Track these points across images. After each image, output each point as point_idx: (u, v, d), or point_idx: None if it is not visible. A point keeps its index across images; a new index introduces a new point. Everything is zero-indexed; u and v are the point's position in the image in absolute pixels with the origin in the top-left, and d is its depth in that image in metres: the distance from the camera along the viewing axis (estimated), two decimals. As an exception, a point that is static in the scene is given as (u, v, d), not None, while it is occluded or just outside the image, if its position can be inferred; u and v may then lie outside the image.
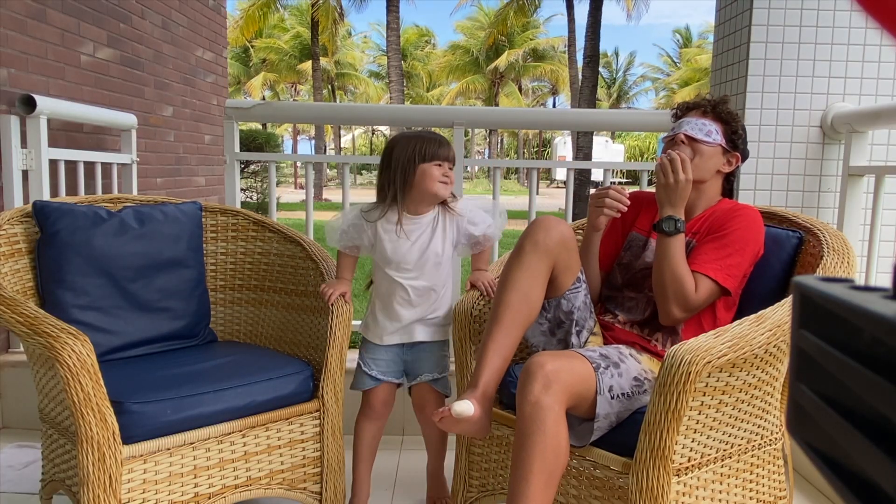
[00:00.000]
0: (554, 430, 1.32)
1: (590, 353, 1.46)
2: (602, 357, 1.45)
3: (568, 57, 22.50)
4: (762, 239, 1.62)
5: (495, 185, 2.81)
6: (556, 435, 1.33)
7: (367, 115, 4.01)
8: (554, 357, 1.39)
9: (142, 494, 1.45)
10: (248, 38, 28.01)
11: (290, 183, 30.43)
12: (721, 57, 2.75)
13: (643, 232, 1.75)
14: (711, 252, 1.56)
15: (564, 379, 1.35)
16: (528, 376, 1.36)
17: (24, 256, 1.78)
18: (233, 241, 2.12)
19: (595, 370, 1.40)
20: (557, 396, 1.34)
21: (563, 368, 1.36)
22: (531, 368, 1.36)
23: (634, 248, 1.74)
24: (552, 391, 1.33)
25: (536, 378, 1.34)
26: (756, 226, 1.60)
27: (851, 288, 0.31)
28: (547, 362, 1.36)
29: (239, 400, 1.58)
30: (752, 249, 1.58)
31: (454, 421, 1.40)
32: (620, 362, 1.47)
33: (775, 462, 1.54)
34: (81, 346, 1.36)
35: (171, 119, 4.03)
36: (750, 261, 1.59)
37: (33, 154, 2.41)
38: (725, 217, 1.61)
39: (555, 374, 1.34)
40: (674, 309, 1.54)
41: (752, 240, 1.58)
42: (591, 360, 1.42)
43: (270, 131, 15.31)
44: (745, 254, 1.57)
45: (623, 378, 1.44)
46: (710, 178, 1.66)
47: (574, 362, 1.41)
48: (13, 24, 2.55)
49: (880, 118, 2.28)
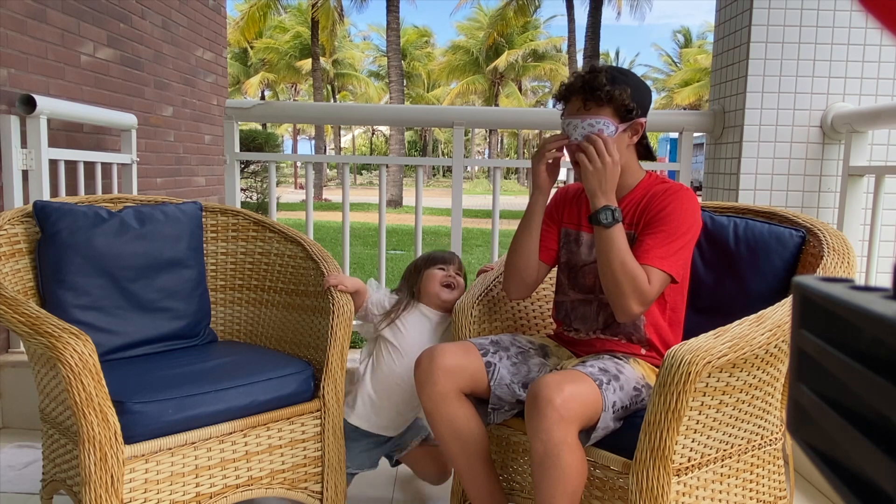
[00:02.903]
0: (570, 460, 1.32)
1: (590, 369, 1.43)
2: (602, 371, 1.43)
3: (568, 57, 22.49)
4: (699, 216, 1.56)
5: (495, 186, 2.82)
6: (573, 464, 1.33)
7: (367, 115, 4.02)
8: (560, 385, 1.34)
9: (143, 494, 1.45)
10: (249, 40, 27.99)
11: (290, 183, 30.42)
12: (721, 57, 2.75)
13: (572, 226, 1.67)
14: (657, 243, 1.48)
15: (575, 409, 1.32)
16: (538, 413, 1.33)
17: (25, 256, 1.78)
18: (233, 241, 2.12)
19: (599, 387, 1.38)
20: (570, 428, 1.32)
21: (571, 397, 1.33)
22: (539, 404, 1.32)
23: (569, 244, 1.67)
24: (564, 424, 1.31)
25: (546, 414, 1.31)
26: (692, 205, 1.54)
27: (851, 288, 0.31)
28: (555, 395, 1.32)
29: (240, 400, 1.59)
30: (693, 232, 1.53)
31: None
32: (619, 373, 1.45)
33: (775, 462, 1.54)
34: (83, 345, 1.36)
35: (171, 119, 4.03)
36: (693, 242, 1.54)
37: (33, 154, 2.41)
38: (660, 203, 1.53)
39: (565, 406, 1.31)
40: (631, 304, 1.45)
41: (691, 222, 1.52)
42: (594, 377, 1.40)
43: (270, 131, 15.31)
44: (688, 236, 1.51)
45: (624, 391, 1.43)
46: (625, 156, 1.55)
47: (580, 386, 1.36)
48: (13, 24, 2.55)
49: (880, 118, 2.29)
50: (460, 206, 2.81)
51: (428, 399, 1.53)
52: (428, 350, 1.57)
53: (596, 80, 1.49)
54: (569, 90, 1.55)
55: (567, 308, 1.68)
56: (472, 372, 1.54)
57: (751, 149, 2.53)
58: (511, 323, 1.88)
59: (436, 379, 1.51)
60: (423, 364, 1.54)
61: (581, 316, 1.65)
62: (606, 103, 1.50)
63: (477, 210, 14.88)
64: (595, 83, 1.49)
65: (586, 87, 1.50)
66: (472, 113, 2.96)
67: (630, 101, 1.50)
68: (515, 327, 1.89)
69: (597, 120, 1.49)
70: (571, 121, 1.52)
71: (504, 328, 1.86)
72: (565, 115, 1.56)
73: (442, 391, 1.51)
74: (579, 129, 1.51)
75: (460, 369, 1.53)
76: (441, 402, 1.52)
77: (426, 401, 1.53)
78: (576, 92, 1.53)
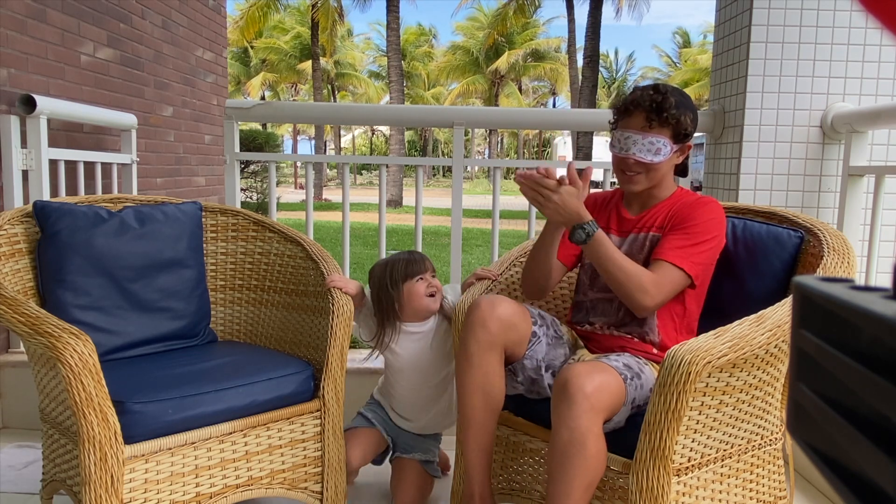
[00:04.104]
0: (595, 448, 1.33)
1: (615, 363, 1.45)
2: (626, 367, 1.45)
3: (568, 57, 22.49)
4: (724, 231, 1.62)
5: (495, 186, 2.82)
6: (597, 453, 1.34)
7: (367, 115, 4.01)
8: (589, 375, 1.35)
9: (143, 494, 1.45)
10: (249, 40, 27.99)
11: (290, 183, 30.42)
12: (721, 57, 2.75)
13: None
14: (676, 241, 1.55)
15: (604, 399, 1.34)
16: (568, 400, 1.33)
17: (25, 256, 1.78)
18: (233, 241, 2.12)
19: (624, 381, 1.40)
20: (598, 418, 1.33)
21: (601, 388, 1.34)
22: (570, 391, 1.33)
23: None
24: (593, 413, 1.32)
25: (576, 401, 1.32)
26: (720, 217, 1.60)
27: (851, 288, 0.31)
28: (586, 383, 1.33)
29: (240, 400, 1.59)
30: (716, 239, 1.58)
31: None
32: (640, 372, 1.48)
33: (775, 462, 1.54)
34: (83, 345, 1.36)
35: (171, 119, 4.03)
36: (714, 250, 1.58)
37: (33, 154, 2.41)
38: (690, 209, 1.60)
39: (595, 396, 1.33)
40: (640, 298, 1.50)
41: (716, 230, 1.57)
42: (619, 370, 1.42)
43: (270, 131, 15.31)
44: (710, 243, 1.56)
45: (643, 390, 1.45)
46: (666, 173, 1.63)
47: (608, 377, 1.38)
48: (13, 24, 2.55)
49: (880, 118, 2.28)
50: (460, 206, 2.81)
51: (475, 342, 1.53)
52: (489, 297, 1.58)
53: (666, 101, 1.54)
54: (635, 105, 1.58)
55: (587, 307, 1.72)
56: (521, 333, 1.57)
57: (751, 149, 2.53)
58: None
59: (490, 326, 1.52)
60: (483, 308, 1.54)
61: (601, 312, 1.68)
62: (670, 125, 1.56)
63: (477, 210, 14.88)
64: (665, 104, 1.54)
65: (654, 107, 1.55)
66: (472, 113, 2.96)
67: (690, 123, 1.58)
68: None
69: (657, 139, 1.56)
70: (631, 135, 1.57)
71: None
72: (622, 128, 1.59)
73: (491, 340, 1.52)
74: (638, 144, 1.56)
75: (513, 326, 1.55)
76: (486, 349, 1.53)
77: (472, 343, 1.53)
78: (642, 108, 1.56)
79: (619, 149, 1.61)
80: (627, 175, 1.62)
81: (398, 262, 1.85)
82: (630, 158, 1.58)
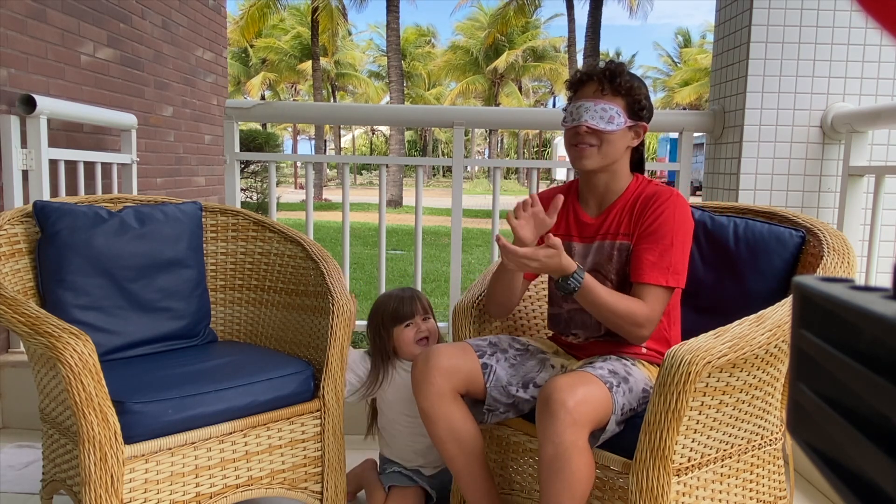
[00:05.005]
0: (580, 464, 1.32)
1: (599, 371, 1.42)
2: (612, 374, 1.43)
3: (568, 57, 22.49)
4: (691, 220, 1.56)
5: (495, 186, 2.82)
6: (583, 466, 1.32)
7: (367, 115, 4.01)
8: (571, 388, 1.33)
9: (143, 494, 1.45)
10: (249, 40, 27.99)
11: (290, 183, 30.41)
12: (721, 57, 2.75)
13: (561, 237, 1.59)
14: (649, 256, 1.49)
15: (587, 412, 1.32)
16: (550, 415, 1.32)
17: (25, 256, 1.78)
18: (233, 241, 2.12)
19: (609, 390, 1.38)
20: (582, 432, 1.32)
21: (584, 400, 1.32)
22: (552, 407, 1.32)
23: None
24: (576, 427, 1.31)
25: (558, 417, 1.31)
26: (683, 210, 1.54)
27: (851, 288, 0.31)
28: (567, 398, 1.31)
29: (240, 399, 1.59)
30: (686, 233, 1.53)
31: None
32: (628, 376, 1.45)
33: (775, 462, 1.54)
34: (83, 345, 1.36)
35: (171, 119, 4.03)
36: (686, 243, 1.53)
37: (33, 154, 2.41)
38: (653, 213, 1.52)
39: (577, 410, 1.31)
40: (637, 332, 1.47)
41: (686, 228, 1.52)
42: (604, 379, 1.39)
43: (270, 131, 15.31)
44: (680, 239, 1.51)
45: (633, 393, 1.43)
46: (620, 156, 1.56)
47: (592, 389, 1.36)
48: (13, 24, 2.55)
49: (880, 118, 2.29)
50: (460, 206, 2.81)
51: (424, 399, 1.53)
52: (424, 351, 1.58)
53: (619, 70, 1.52)
54: (587, 74, 1.55)
55: (564, 319, 1.67)
56: (468, 373, 1.54)
57: (751, 149, 2.53)
58: (511, 323, 1.88)
59: (432, 379, 1.51)
60: (420, 365, 1.55)
61: (581, 324, 1.63)
62: (623, 95, 1.52)
63: (477, 210, 14.89)
64: (617, 72, 1.51)
65: (607, 74, 1.52)
66: (472, 113, 2.96)
67: (644, 100, 1.54)
68: (515, 327, 1.89)
69: (610, 106, 1.50)
70: (583, 104, 1.52)
71: (504, 328, 1.86)
72: (576, 99, 1.55)
73: (438, 391, 1.51)
74: (591, 111, 1.51)
75: (456, 370, 1.53)
76: (437, 401, 1.52)
77: (422, 400, 1.53)
78: (595, 77, 1.53)
79: (571, 119, 1.54)
80: (580, 148, 1.53)
81: (388, 306, 1.88)
82: (582, 126, 1.51)
